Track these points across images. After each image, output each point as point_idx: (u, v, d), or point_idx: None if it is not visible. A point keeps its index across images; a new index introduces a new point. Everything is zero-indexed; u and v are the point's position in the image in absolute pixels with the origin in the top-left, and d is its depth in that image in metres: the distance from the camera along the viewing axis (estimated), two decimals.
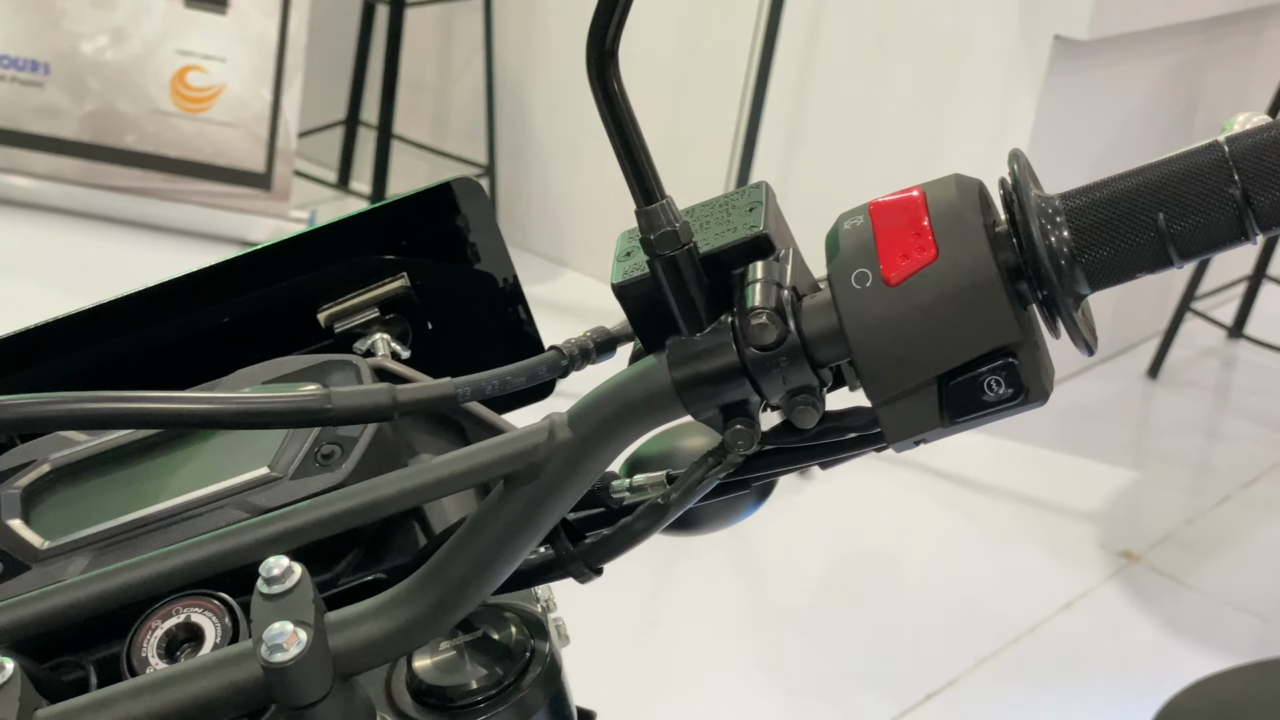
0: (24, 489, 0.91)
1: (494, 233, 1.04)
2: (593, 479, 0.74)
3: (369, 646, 0.74)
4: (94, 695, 0.75)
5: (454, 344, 1.05)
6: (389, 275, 1.03)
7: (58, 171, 4.76)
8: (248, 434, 0.90)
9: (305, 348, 1.02)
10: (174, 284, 1.03)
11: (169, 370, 0.99)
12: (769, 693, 3.01)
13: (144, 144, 4.73)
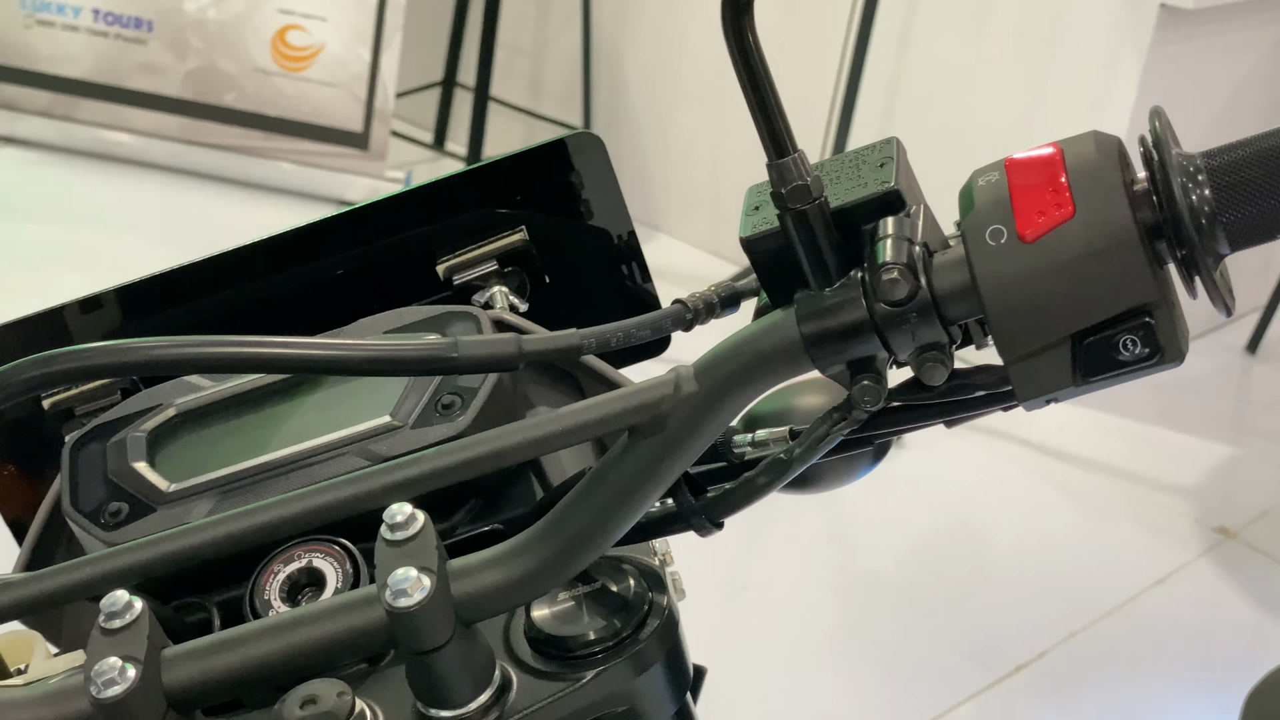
0: (149, 433, 0.93)
1: (613, 188, 1.04)
2: (718, 432, 0.74)
3: (490, 594, 0.75)
4: (220, 635, 0.76)
5: (570, 298, 1.06)
6: (508, 228, 1.04)
7: (159, 128, 4.81)
8: (368, 383, 0.91)
9: (424, 299, 1.03)
10: (298, 233, 1.04)
11: (291, 318, 1.00)
12: (857, 660, 3.00)
13: (244, 102, 4.77)
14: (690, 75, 4.67)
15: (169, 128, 4.81)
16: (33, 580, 0.75)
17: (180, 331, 1.00)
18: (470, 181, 1.03)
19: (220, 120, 4.79)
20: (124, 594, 0.74)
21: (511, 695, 0.77)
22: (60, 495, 0.95)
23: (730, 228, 4.55)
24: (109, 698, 0.71)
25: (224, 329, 0.75)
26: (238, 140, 4.79)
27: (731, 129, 4.57)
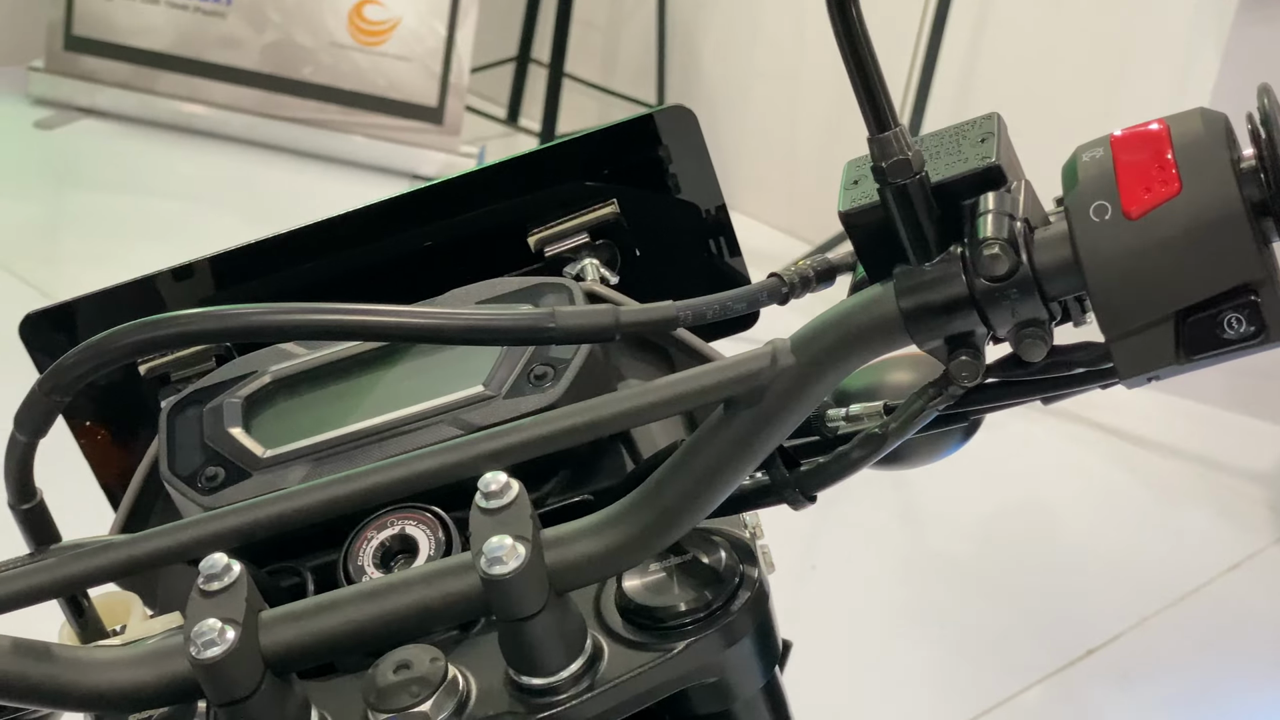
0: (245, 399, 0.94)
1: (705, 162, 1.04)
2: (814, 405, 0.74)
3: (584, 563, 0.75)
4: (317, 599, 0.77)
5: (660, 271, 1.06)
6: (599, 201, 1.04)
7: (236, 101, 4.84)
8: (461, 353, 0.92)
9: (515, 270, 1.03)
10: (391, 204, 1.05)
11: (383, 289, 1.01)
12: (927, 641, 3.00)
13: (320, 76, 4.80)
14: (765, 51, 4.65)
15: (246, 101, 4.84)
16: (135, 542, 0.76)
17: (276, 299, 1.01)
18: (563, 154, 1.04)
19: (296, 94, 4.82)
20: (222, 557, 0.75)
21: (602, 664, 0.78)
22: (157, 459, 0.96)
23: (803, 205, 4.54)
24: (208, 658, 0.72)
25: (315, 299, 0.75)
26: (313, 114, 4.82)
27: (806, 106, 4.56)
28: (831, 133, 4.52)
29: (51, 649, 0.76)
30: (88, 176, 4.77)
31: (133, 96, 4.91)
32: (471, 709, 0.77)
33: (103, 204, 4.59)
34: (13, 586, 0.75)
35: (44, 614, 0.81)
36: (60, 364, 0.76)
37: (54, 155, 4.85)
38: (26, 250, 4.26)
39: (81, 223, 4.54)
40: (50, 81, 4.98)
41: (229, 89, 4.85)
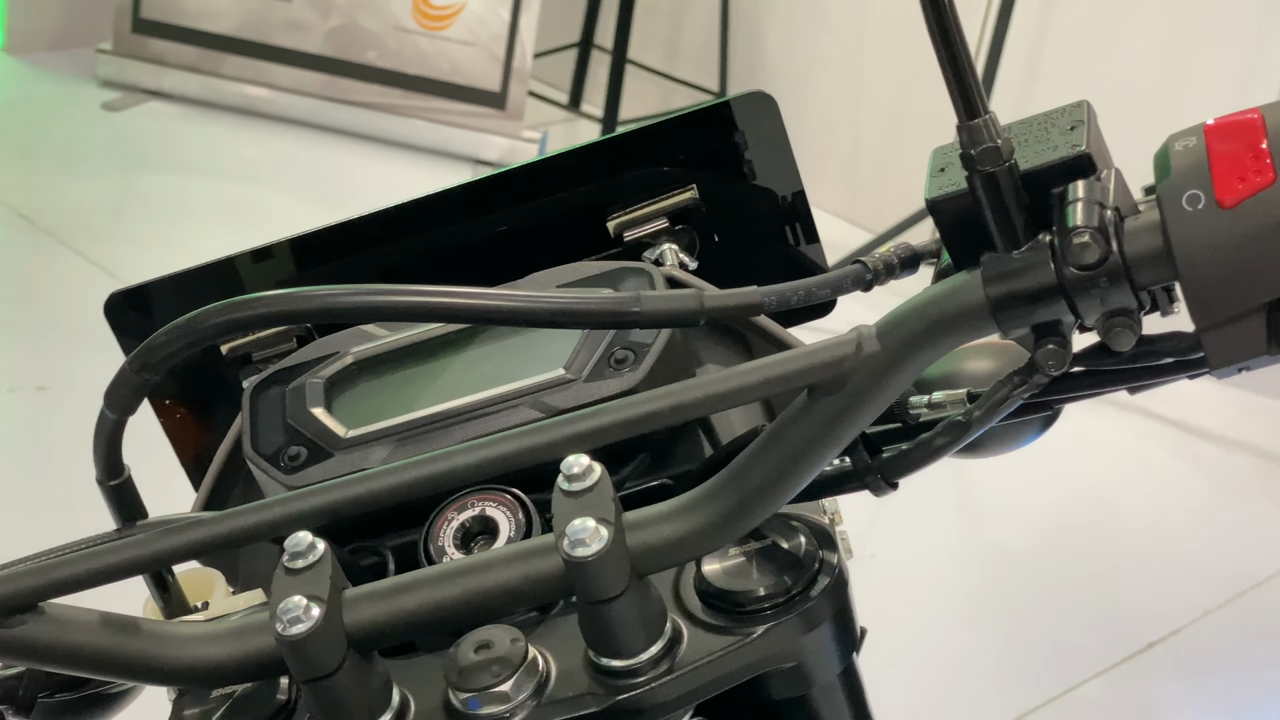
0: (327, 379, 0.94)
1: (784, 148, 1.04)
2: (898, 392, 0.74)
3: (665, 547, 0.76)
4: (400, 579, 0.78)
5: (738, 257, 1.06)
6: (679, 186, 1.04)
7: (300, 85, 4.87)
8: (541, 336, 0.92)
9: (594, 255, 1.04)
10: (470, 188, 1.06)
11: (462, 271, 1.01)
12: (986, 630, 2.99)
13: (384, 60, 4.82)
14: (829, 39, 4.64)
15: (310, 84, 4.87)
16: (222, 519, 0.77)
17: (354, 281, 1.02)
18: (643, 139, 1.04)
19: (360, 78, 4.84)
20: (307, 535, 0.76)
21: (682, 648, 0.78)
22: (238, 438, 0.97)
23: (865, 193, 4.53)
24: (294, 635, 0.72)
25: (392, 281, 0.76)
26: (377, 97, 4.84)
27: (869, 94, 4.54)
28: (894, 121, 4.51)
29: (139, 624, 0.77)
30: (153, 158, 4.81)
31: (198, 79, 4.95)
32: (551, 690, 0.77)
33: (167, 186, 4.63)
34: (103, 562, 0.75)
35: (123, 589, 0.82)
36: (149, 343, 0.77)
37: (120, 137, 4.90)
38: (93, 231, 4.30)
39: (146, 204, 4.58)
40: (118, 64, 5.03)
41: (293, 72, 4.87)
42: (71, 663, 0.76)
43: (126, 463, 0.81)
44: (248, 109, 4.94)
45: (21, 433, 3.40)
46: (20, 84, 5.20)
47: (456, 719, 0.77)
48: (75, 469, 3.34)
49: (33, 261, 4.13)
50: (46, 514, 3.07)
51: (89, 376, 3.67)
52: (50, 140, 4.82)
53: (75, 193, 4.48)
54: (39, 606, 0.75)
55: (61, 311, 3.88)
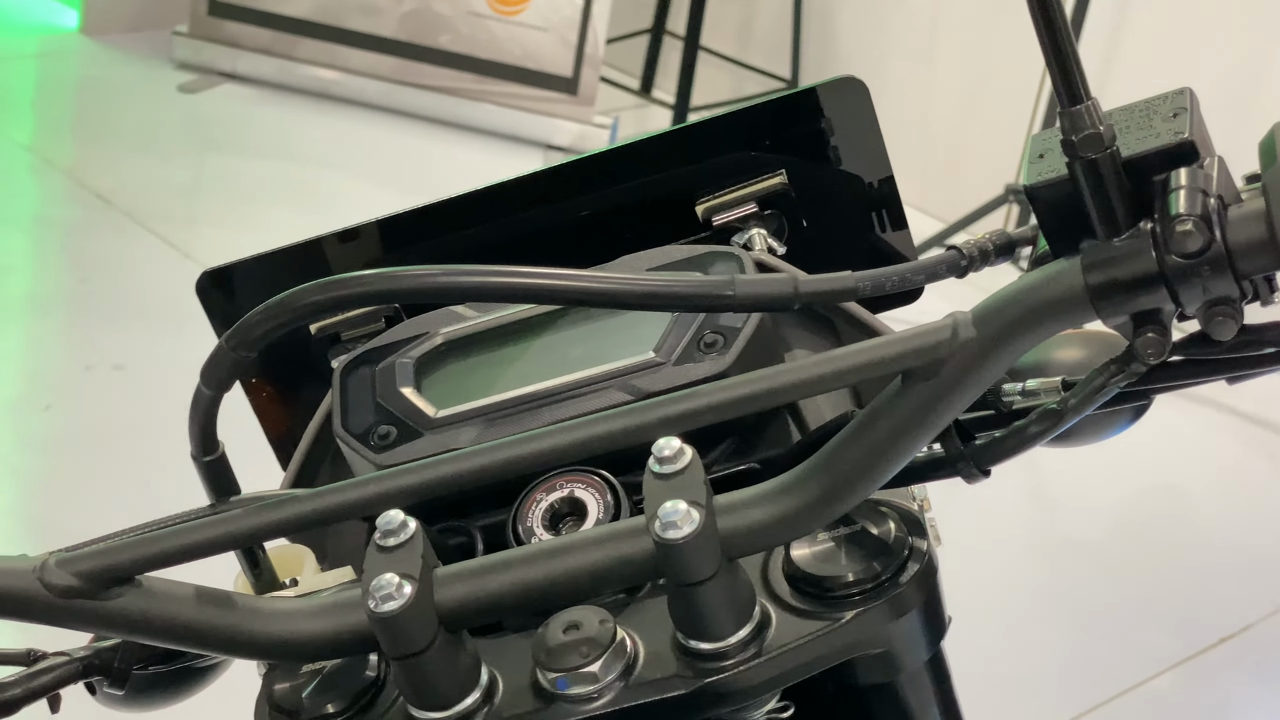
0: (417, 359, 0.95)
1: (875, 133, 1.03)
2: (993, 379, 0.74)
3: (756, 530, 0.75)
4: (490, 558, 0.78)
5: (826, 242, 1.06)
6: (768, 171, 1.04)
7: (373, 68, 4.90)
8: (630, 319, 0.92)
9: (682, 239, 1.04)
10: (558, 170, 1.06)
11: (550, 254, 1.01)
12: (1054, 623, 2.97)
13: (457, 45, 4.84)
14: (903, 27, 4.61)
15: (383, 68, 4.89)
16: (316, 496, 0.77)
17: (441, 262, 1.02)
18: (733, 123, 1.04)
19: (433, 62, 4.86)
20: (399, 514, 0.76)
21: (770, 632, 0.78)
22: (327, 416, 0.98)
23: (936, 182, 4.50)
24: (386, 612, 0.73)
25: (491, 261, 0.76)
26: (449, 82, 4.86)
27: (942, 82, 4.51)
28: (967, 109, 4.48)
29: (233, 598, 0.78)
30: (227, 140, 4.84)
31: (272, 62, 4.98)
32: (639, 671, 0.78)
33: (241, 167, 4.67)
34: (199, 536, 0.76)
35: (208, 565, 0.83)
36: (245, 321, 0.77)
37: (195, 119, 4.94)
38: (168, 212, 4.34)
39: (220, 186, 4.62)
40: (193, 46, 5.07)
41: (367, 56, 4.90)
42: (168, 635, 0.76)
43: (220, 439, 0.82)
44: (321, 92, 4.97)
45: (98, 411, 3.44)
46: (97, 65, 5.26)
47: (544, 698, 0.77)
48: (151, 446, 3.40)
49: (109, 242, 4.17)
50: (122, 490, 3.11)
51: (165, 355, 3.74)
52: (126, 122, 4.87)
53: (151, 174, 4.53)
54: (136, 579, 0.76)
55: (137, 291, 3.92)
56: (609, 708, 0.77)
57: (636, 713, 0.77)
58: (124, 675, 0.84)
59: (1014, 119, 4.34)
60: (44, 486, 3.22)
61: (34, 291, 4.03)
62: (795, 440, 0.90)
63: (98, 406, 3.45)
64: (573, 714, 0.77)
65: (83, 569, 0.74)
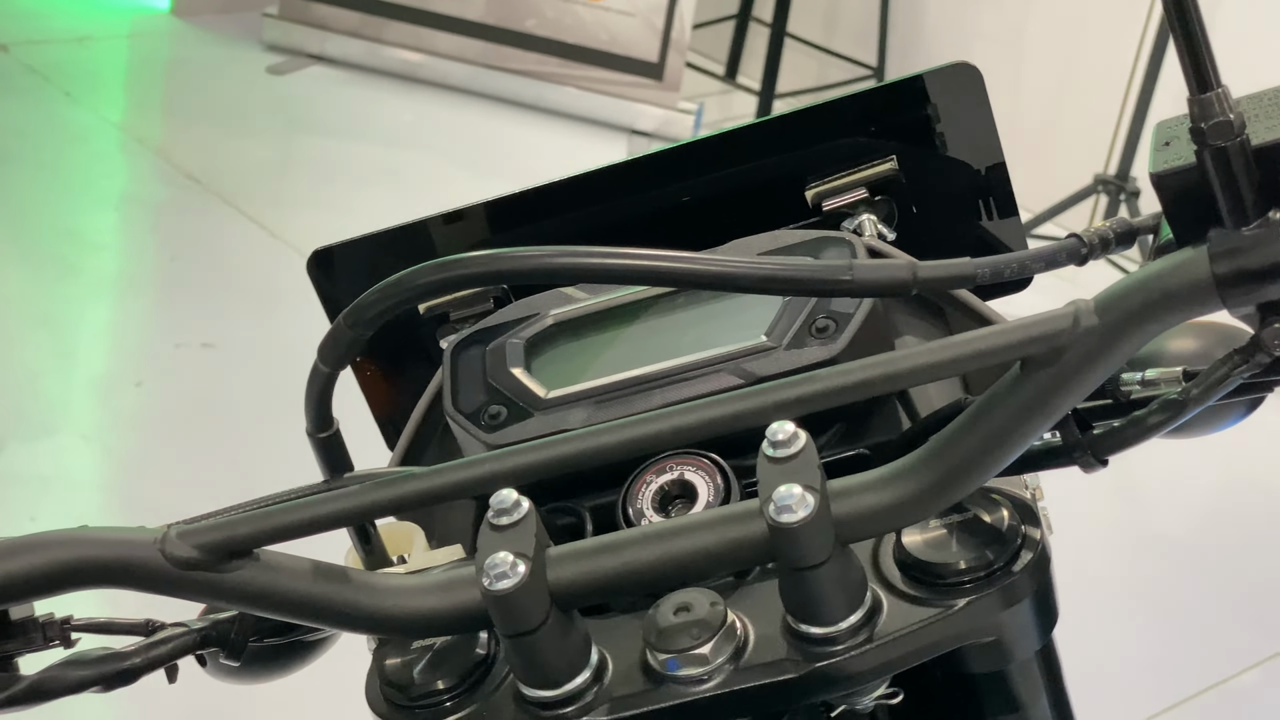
0: (527, 340, 0.95)
1: (987, 120, 1.03)
2: (1114, 368, 0.73)
3: (870, 516, 0.75)
4: (602, 539, 0.78)
5: (936, 229, 1.05)
6: (878, 157, 1.03)
7: (460, 51, 4.91)
8: (741, 303, 0.92)
9: (791, 224, 1.03)
10: (668, 154, 1.06)
11: (658, 237, 1.02)
12: (1141, 619, 2.94)
13: (543, 29, 4.85)
14: (990, 14, 4.58)
15: (469, 51, 4.91)
16: (432, 474, 0.78)
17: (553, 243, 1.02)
18: (845, 109, 1.03)
19: (519, 45, 4.88)
20: (513, 493, 0.77)
21: (881, 618, 0.77)
22: (436, 395, 0.98)
23: (1023, 172, 4.45)
24: (500, 590, 0.73)
25: (598, 243, 0.76)
26: (535, 66, 4.87)
27: (1029, 70, 4.47)
28: (1055, 98, 4.44)
29: (349, 573, 0.78)
30: (314, 121, 4.88)
31: (360, 44, 5.01)
32: (749, 654, 0.77)
33: (327, 148, 4.70)
34: (316, 511, 0.77)
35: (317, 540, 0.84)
36: (362, 300, 0.78)
37: (284, 100, 4.98)
38: (256, 192, 4.38)
39: (307, 166, 4.65)
40: (283, 28, 5.11)
41: (453, 39, 4.92)
42: (284, 608, 0.77)
43: (335, 416, 0.83)
44: (407, 75, 4.99)
45: (187, 388, 3.48)
46: (188, 47, 5.31)
47: (654, 679, 0.78)
48: (238, 423, 3.43)
49: (198, 221, 4.22)
50: (210, 466, 3.15)
51: (252, 333, 3.78)
52: (216, 102, 4.92)
53: (240, 154, 4.57)
54: (254, 553, 0.76)
55: (225, 270, 3.97)
56: (719, 690, 0.77)
57: (746, 695, 0.77)
58: (240, 647, 0.85)
59: (1103, 109, 4.30)
60: (134, 461, 3.26)
61: (125, 269, 4.09)
62: (904, 426, 0.89)
63: (187, 383, 3.49)
64: (682, 695, 0.77)
65: (203, 541, 0.75)
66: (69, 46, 5.20)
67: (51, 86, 4.92)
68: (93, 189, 4.40)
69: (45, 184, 4.33)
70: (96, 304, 3.86)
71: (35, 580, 0.75)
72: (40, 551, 0.76)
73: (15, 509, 2.93)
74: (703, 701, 0.77)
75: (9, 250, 3.97)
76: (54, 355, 3.59)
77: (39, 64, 5.04)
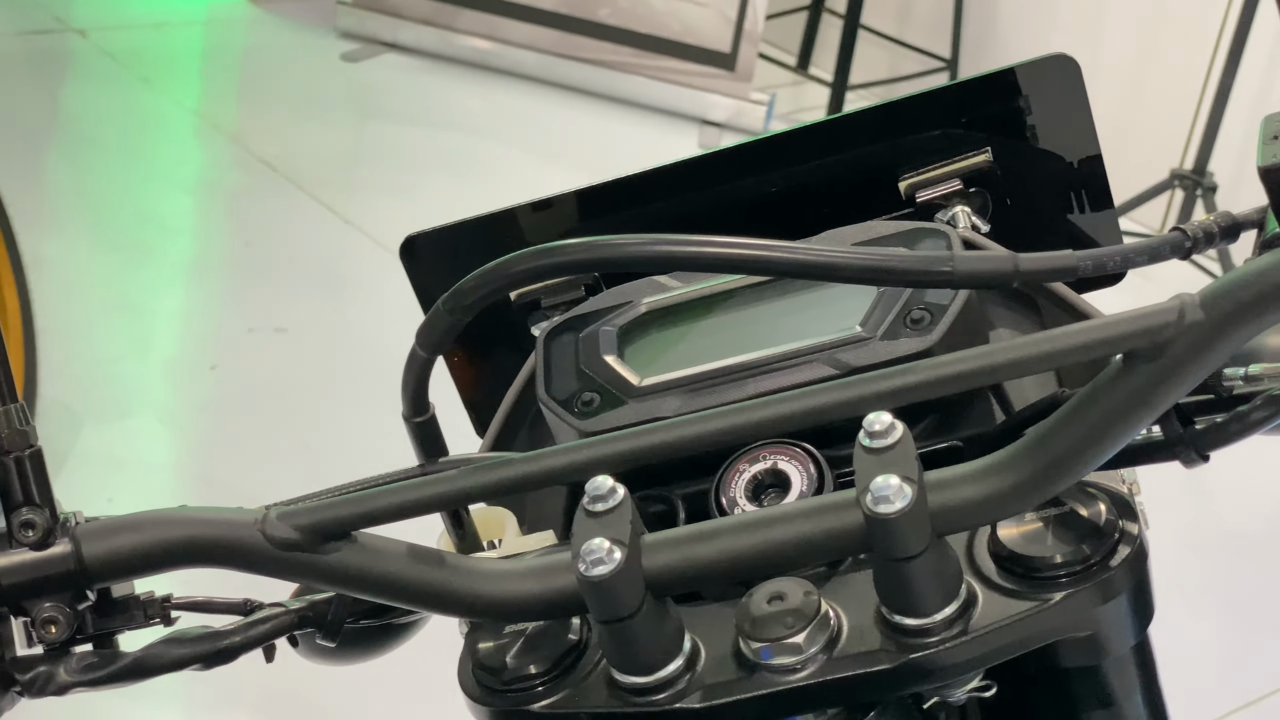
0: (620, 328, 0.95)
1: (1084, 113, 1.02)
2: (1219, 363, 0.72)
3: (967, 508, 0.75)
4: (698, 527, 0.78)
5: (1030, 222, 1.05)
6: (973, 149, 1.03)
7: (532, 40, 4.93)
8: (835, 293, 0.92)
9: (883, 215, 1.03)
10: (759, 144, 1.06)
11: (747, 227, 1.01)
12: (1211, 617, 2.92)
13: (616, 18, 4.85)
14: (1066, 6, 4.54)
15: (542, 40, 4.92)
16: (529, 460, 0.78)
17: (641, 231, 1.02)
18: (939, 100, 1.03)
19: (591, 35, 4.88)
20: (608, 479, 0.77)
21: (976, 610, 0.77)
22: (528, 382, 0.99)
23: None
24: (596, 576, 0.73)
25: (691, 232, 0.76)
26: (606, 55, 4.87)
27: (1106, 64, 4.44)
28: (1130, 91, 4.40)
29: (445, 557, 0.79)
30: (387, 109, 4.91)
31: (433, 33, 5.03)
32: (843, 644, 0.77)
33: (400, 136, 4.73)
34: (415, 495, 0.77)
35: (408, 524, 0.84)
36: (461, 286, 0.78)
37: (357, 87, 5.01)
38: (329, 178, 4.41)
39: (379, 153, 4.68)
40: (357, 16, 5.14)
41: (526, 28, 4.93)
42: (381, 590, 0.78)
43: (432, 401, 0.83)
44: (480, 63, 5.01)
45: (260, 372, 3.50)
46: (263, 33, 5.35)
47: (747, 667, 0.78)
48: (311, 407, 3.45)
49: (272, 206, 4.25)
50: (283, 450, 3.17)
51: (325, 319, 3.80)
52: (290, 89, 4.95)
53: (313, 140, 4.60)
54: (352, 535, 0.77)
55: (299, 255, 3.99)
56: (811, 679, 0.76)
57: (839, 685, 0.77)
58: (337, 628, 0.86)
59: (1180, 102, 4.26)
60: (209, 443, 3.30)
61: (200, 254, 4.12)
62: (998, 420, 0.89)
63: (260, 367, 3.52)
64: (775, 684, 0.77)
65: (302, 523, 0.76)
66: (146, 32, 5.25)
67: (129, 72, 4.97)
68: (169, 174, 4.45)
69: (123, 169, 4.38)
70: (172, 288, 3.90)
71: (144, 557, 0.76)
72: (148, 530, 0.77)
73: (92, 490, 2.97)
74: (795, 690, 0.77)
75: (89, 234, 4.02)
76: (131, 338, 3.63)
77: (116, 50, 5.09)
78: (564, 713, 0.80)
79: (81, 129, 4.61)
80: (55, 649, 0.78)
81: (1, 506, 0.77)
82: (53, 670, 0.78)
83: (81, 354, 3.48)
